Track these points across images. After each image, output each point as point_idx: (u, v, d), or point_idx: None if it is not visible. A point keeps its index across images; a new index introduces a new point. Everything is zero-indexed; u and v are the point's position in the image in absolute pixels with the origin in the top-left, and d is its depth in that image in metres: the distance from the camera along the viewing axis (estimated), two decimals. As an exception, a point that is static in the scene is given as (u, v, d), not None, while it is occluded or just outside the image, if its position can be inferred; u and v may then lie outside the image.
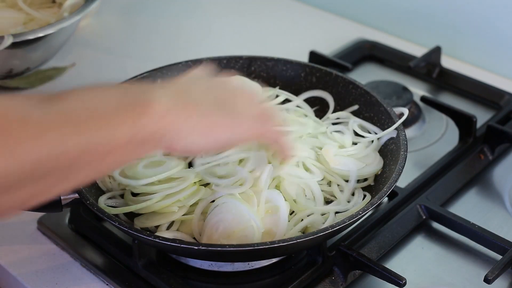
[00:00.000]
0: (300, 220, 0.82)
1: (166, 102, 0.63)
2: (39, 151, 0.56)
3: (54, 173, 0.58)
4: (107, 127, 0.60)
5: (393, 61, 1.27)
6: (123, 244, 0.88)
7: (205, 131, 0.67)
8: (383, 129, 0.92)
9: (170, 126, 0.64)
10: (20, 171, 0.55)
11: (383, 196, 0.79)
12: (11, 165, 0.54)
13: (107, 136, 0.60)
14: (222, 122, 0.69)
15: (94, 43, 1.38)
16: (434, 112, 1.13)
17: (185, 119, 0.65)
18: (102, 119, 0.60)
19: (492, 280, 0.81)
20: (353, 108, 0.97)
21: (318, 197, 0.85)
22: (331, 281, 0.83)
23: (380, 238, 0.88)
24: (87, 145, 0.58)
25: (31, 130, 0.56)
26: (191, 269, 0.85)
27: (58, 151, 0.57)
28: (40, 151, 0.56)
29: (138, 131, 0.61)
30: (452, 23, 1.31)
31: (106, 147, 0.60)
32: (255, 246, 0.73)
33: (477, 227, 0.89)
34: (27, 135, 0.55)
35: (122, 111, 0.61)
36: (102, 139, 0.59)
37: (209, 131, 0.68)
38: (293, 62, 1.03)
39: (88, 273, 0.87)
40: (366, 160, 0.89)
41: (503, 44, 1.26)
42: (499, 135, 1.03)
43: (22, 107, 0.57)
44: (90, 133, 0.59)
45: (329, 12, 1.47)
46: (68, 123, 0.58)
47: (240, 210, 0.80)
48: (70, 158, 0.58)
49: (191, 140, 0.66)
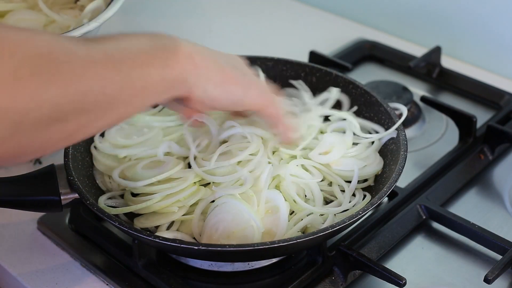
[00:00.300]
0: (300, 219, 0.82)
1: (190, 48, 0.70)
2: (84, 85, 0.60)
3: (96, 107, 0.62)
4: (142, 66, 0.65)
5: (393, 61, 1.27)
6: (123, 244, 0.88)
7: (221, 82, 0.73)
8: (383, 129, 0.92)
9: (192, 70, 0.70)
10: (66, 103, 0.58)
11: (383, 196, 0.79)
12: (59, 97, 0.58)
13: (143, 74, 0.65)
14: (237, 79, 0.75)
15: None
16: (434, 112, 1.13)
17: (205, 66, 0.71)
18: (138, 59, 0.65)
19: (492, 280, 0.81)
20: (352, 109, 0.97)
21: (318, 197, 0.85)
22: (331, 281, 0.83)
23: (380, 238, 0.88)
24: (126, 82, 0.63)
25: (76, 66, 0.59)
26: (191, 269, 0.85)
27: (100, 86, 0.61)
28: (85, 86, 0.60)
29: (168, 71, 0.67)
30: (452, 23, 1.31)
31: (142, 84, 0.65)
32: (255, 246, 0.73)
33: (477, 227, 0.89)
34: (72, 70, 0.59)
35: (154, 53, 0.67)
36: (138, 76, 0.64)
37: (224, 83, 0.73)
38: (293, 62, 1.02)
39: (88, 273, 0.87)
40: (366, 161, 0.89)
41: (503, 44, 1.26)
42: (499, 135, 1.03)
43: (66, 45, 0.61)
44: (128, 71, 0.64)
45: (329, 12, 1.48)
46: (109, 61, 0.62)
47: (240, 210, 0.80)
48: (111, 93, 0.62)
49: (208, 88, 0.72)
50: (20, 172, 0.84)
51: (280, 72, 1.03)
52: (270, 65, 1.03)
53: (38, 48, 0.58)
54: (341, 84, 0.99)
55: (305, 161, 0.87)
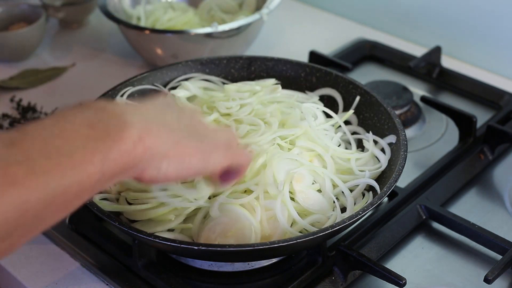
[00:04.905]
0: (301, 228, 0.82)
1: (140, 127, 0.60)
2: (2, 211, 0.51)
3: (19, 229, 0.53)
4: (75, 169, 0.55)
5: (393, 61, 1.27)
6: (123, 244, 0.88)
7: (178, 160, 0.64)
8: (382, 129, 0.92)
9: (143, 154, 0.60)
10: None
11: (383, 196, 0.79)
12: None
13: (76, 178, 0.55)
14: (195, 150, 0.66)
15: (94, 43, 1.39)
16: (434, 112, 1.13)
17: (157, 144, 0.61)
18: (69, 161, 0.55)
19: (492, 280, 0.81)
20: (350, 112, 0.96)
21: (328, 192, 0.84)
22: (331, 281, 0.83)
23: (380, 238, 0.88)
24: (54, 194, 0.54)
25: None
26: (191, 269, 0.85)
27: (23, 208, 0.52)
28: (4, 211, 0.51)
29: (109, 166, 0.57)
30: (452, 23, 1.31)
31: (74, 190, 0.55)
32: (255, 246, 0.73)
33: (477, 227, 0.89)
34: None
35: (91, 147, 0.56)
36: (70, 184, 0.55)
37: (181, 160, 0.64)
38: (293, 62, 1.02)
39: (88, 273, 0.87)
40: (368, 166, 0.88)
41: (503, 44, 1.26)
42: (499, 135, 1.03)
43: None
44: (57, 180, 0.54)
45: (329, 12, 1.48)
46: (32, 174, 0.53)
47: (236, 212, 0.80)
48: (36, 211, 0.53)
49: (162, 167, 0.62)
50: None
51: (280, 72, 1.03)
52: (270, 65, 1.03)
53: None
54: (341, 84, 0.99)
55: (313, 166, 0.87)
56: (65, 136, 0.56)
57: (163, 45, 1.21)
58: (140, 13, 1.29)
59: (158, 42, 1.21)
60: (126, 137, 0.58)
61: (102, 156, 0.56)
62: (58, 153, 0.54)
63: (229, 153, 0.70)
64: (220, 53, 1.18)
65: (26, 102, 1.18)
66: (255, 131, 0.88)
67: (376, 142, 0.91)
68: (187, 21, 1.30)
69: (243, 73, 1.03)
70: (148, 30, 1.19)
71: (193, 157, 0.65)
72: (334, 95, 1.00)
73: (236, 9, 1.34)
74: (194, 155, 0.65)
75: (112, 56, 1.34)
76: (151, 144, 0.60)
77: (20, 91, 1.23)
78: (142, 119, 0.61)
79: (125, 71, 1.26)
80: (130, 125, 0.59)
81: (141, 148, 0.59)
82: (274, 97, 0.95)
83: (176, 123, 0.65)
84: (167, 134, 0.63)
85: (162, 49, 1.21)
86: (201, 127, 0.69)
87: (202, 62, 1.02)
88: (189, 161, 0.65)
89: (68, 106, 0.60)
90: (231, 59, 1.03)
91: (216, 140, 0.69)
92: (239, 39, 1.22)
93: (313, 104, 0.95)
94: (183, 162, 0.64)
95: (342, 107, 0.99)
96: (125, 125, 0.59)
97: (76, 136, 0.56)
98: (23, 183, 0.52)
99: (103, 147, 0.57)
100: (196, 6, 1.36)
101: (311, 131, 0.88)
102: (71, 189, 0.55)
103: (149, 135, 0.60)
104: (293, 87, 1.01)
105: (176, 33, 1.18)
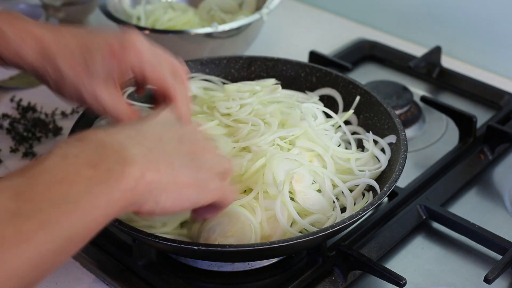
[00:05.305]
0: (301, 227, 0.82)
1: (140, 163, 0.60)
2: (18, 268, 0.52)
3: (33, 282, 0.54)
4: (82, 216, 0.55)
5: (393, 61, 1.27)
6: (123, 244, 0.88)
7: (175, 194, 0.63)
8: (382, 129, 0.92)
9: (143, 191, 0.60)
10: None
11: (383, 196, 0.79)
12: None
13: (83, 224, 0.56)
14: (192, 181, 0.65)
15: (94, 43, 1.38)
16: (434, 112, 1.13)
17: (157, 180, 0.61)
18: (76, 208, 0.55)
19: (492, 280, 0.81)
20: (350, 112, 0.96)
21: (328, 192, 0.84)
22: (331, 281, 0.83)
23: (380, 238, 0.88)
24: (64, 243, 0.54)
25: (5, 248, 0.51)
26: (191, 269, 0.85)
27: (36, 262, 0.53)
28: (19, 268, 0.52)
29: (112, 207, 0.57)
30: (452, 23, 1.31)
31: (82, 235, 0.56)
32: (255, 246, 0.73)
33: (477, 227, 0.89)
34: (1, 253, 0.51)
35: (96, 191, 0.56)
36: (78, 231, 0.55)
37: (178, 194, 0.64)
38: (293, 62, 1.02)
39: (88, 273, 0.87)
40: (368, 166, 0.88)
41: (503, 44, 1.26)
42: (499, 135, 1.03)
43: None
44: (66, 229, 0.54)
45: (329, 12, 1.48)
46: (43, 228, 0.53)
47: (236, 212, 0.80)
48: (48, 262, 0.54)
49: (160, 200, 0.62)
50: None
51: (280, 72, 1.03)
52: (270, 65, 1.03)
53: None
54: (341, 84, 0.99)
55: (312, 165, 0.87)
56: (69, 180, 0.55)
57: (163, 45, 1.20)
58: (140, 13, 1.29)
59: (158, 42, 1.20)
60: (127, 176, 0.58)
61: (106, 198, 0.57)
62: (65, 200, 0.55)
63: (222, 186, 0.69)
64: (220, 53, 1.18)
65: (26, 102, 1.18)
66: (255, 131, 0.88)
67: (376, 142, 0.91)
68: (187, 21, 1.30)
69: (243, 73, 1.03)
70: (148, 30, 1.19)
71: (190, 188, 0.65)
72: (334, 95, 1.00)
73: (236, 9, 1.34)
74: (191, 186, 0.65)
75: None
76: (151, 179, 0.60)
77: (20, 91, 1.23)
78: (142, 151, 0.61)
79: (125, 71, 1.26)
80: (130, 161, 0.59)
81: (142, 184, 0.59)
82: (274, 97, 0.95)
83: (176, 150, 0.65)
84: (166, 166, 0.63)
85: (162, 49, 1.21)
86: (200, 151, 0.68)
87: (202, 62, 1.02)
88: (186, 193, 0.65)
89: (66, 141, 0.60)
90: (231, 59, 1.03)
91: (212, 170, 0.68)
92: (239, 39, 1.22)
93: (313, 104, 0.95)
94: (180, 194, 0.64)
95: (342, 107, 0.99)
96: (126, 162, 0.59)
97: (80, 180, 0.56)
98: (36, 239, 0.52)
99: (106, 190, 0.57)
100: (196, 6, 1.36)
101: (311, 131, 0.88)
102: (79, 235, 0.56)
103: (149, 169, 0.60)
104: (293, 87, 1.01)
105: (176, 33, 1.18)
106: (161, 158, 0.63)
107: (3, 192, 0.53)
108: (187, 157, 0.66)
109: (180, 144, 0.66)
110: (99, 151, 0.59)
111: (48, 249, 0.53)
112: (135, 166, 0.59)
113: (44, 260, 0.53)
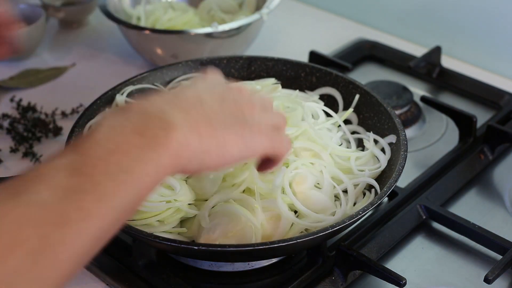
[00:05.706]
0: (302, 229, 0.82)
1: (183, 127, 0.60)
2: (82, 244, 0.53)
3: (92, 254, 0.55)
4: (135, 184, 0.56)
5: (393, 61, 1.27)
6: (123, 244, 0.88)
7: (219, 151, 0.64)
8: (382, 129, 0.92)
9: (187, 152, 0.60)
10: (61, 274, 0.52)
11: (383, 196, 0.79)
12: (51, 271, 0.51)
13: (136, 192, 0.56)
14: (235, 139, 0.65)
15: (94, 43, 1.39)
16: (434, 112, 1.13)
17: (200, 141, 0.62)
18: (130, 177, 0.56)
19: (492, 280, 0.81)
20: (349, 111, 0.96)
21: (328, 190, 0.84)
22: (331, 281, 0.83)
23: (380, 238, 0.88)
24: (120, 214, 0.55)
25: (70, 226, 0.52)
26: (191, 269, 0.85)
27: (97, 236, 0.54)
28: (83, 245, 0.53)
29: (160, 172, 0.58)
30: (452, 23, 1.31)
31: (134, 203, 0.57)
32: (255, 246, 0.73)
33: (477, 227, 0.89)
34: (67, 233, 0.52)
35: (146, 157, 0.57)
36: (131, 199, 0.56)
37: (222, 151, 0.64)
38: (293, 62, 1.02)
39: (88, 273, 0.87)
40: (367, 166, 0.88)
41: (503, 44, 1.26)
42: (499, 135, 1.03)
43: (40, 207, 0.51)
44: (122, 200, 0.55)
45: (329, 12, 1.48)
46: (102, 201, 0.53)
47: (236, 212, 0.80)
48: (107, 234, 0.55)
49: (205, 162, 0.63)
50: (21, 171, 0.84)
51: (280, 72, 1.03)
52: (270, 65, 1.03)
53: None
54: (341, 84, 0.99)
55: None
56: (120, 150, 0.56)
57: (163, 45, 1.21)
58: (140, 13, 1.29)
59: (158, 42, 1.21)
60: (172, 140, 0.59)
61: (155, 164, 0.57)
62: (119, 170, 0.55)
63: (268, 139, 0.68)
64: (220, 53, 1.18)
65: (26, 102, 1.18)
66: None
67: (376, 142, 0.91)
68: (187, 21, 1.30)
69: (243, 73, 1.03)
70: (148, 30, 1.19)
71: (234, 146, 0.65)
72: (334, 94, 0.99)
73: (236, 9, 1.34)
74: (235, 143, 0.65)
75: (112, 56, 1.34)
76: (192, 141, 0.61)
77: (20, 91, 1.23)
78: (184, 116, 0.61)
79: (125, 71, 1.26)
80: (174, 126, 0.59)
81: (185, 147, 0.60)
82: (274, 97, 0.95)
83: (216, 110, 0.65)
84: (206, 126, 0.63)
85: (162, 49, 1.21)
86: (245, 109, 0.68)
87: (202, 62, 1.02)
88: (229, 150, 0.64)
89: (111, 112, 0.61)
90: (231, 59, 1.03)
91: (261, 124, 0.68)
92: (239, 39, 1.22)
93: (313, 103, 0.95)
94: (223, 152, 0.64)
95: (342, 106, 0.99)
96: (170, 127, 0.59)
97: (130, 149, 0.57)
98: (97, 214, 0.53)
99: (155, 156, 0.57)
100: (196, 6, 1.36)
101: (311, 130, 0.88)
102: (131, 204, 0.56)
103: (192, 133, 0.61)
104: (293, 87, 1.01)
105: (176, 33, 1.18)
106: (200, 119, 0.63)
107: (60, 171, 0.53)
108: (230, 116, 0.66)
109: (222, 104, 0.66)
110: (143, 118, 0.59)
111: (108, 222, 0.54)
112: (178, 130, 0.59)
113: (102, 234, 0.54)
